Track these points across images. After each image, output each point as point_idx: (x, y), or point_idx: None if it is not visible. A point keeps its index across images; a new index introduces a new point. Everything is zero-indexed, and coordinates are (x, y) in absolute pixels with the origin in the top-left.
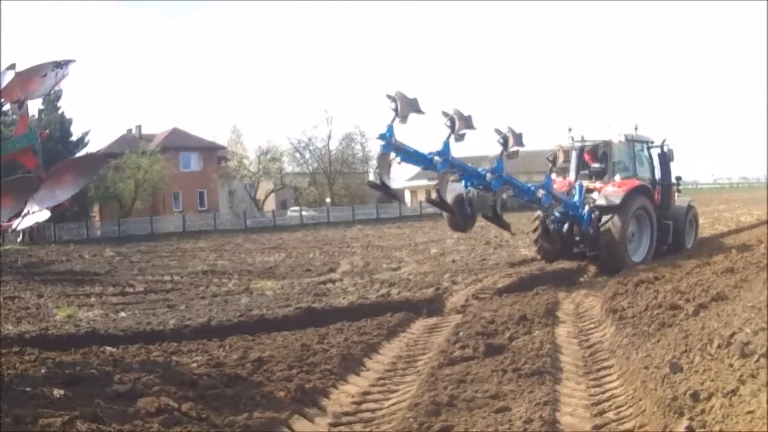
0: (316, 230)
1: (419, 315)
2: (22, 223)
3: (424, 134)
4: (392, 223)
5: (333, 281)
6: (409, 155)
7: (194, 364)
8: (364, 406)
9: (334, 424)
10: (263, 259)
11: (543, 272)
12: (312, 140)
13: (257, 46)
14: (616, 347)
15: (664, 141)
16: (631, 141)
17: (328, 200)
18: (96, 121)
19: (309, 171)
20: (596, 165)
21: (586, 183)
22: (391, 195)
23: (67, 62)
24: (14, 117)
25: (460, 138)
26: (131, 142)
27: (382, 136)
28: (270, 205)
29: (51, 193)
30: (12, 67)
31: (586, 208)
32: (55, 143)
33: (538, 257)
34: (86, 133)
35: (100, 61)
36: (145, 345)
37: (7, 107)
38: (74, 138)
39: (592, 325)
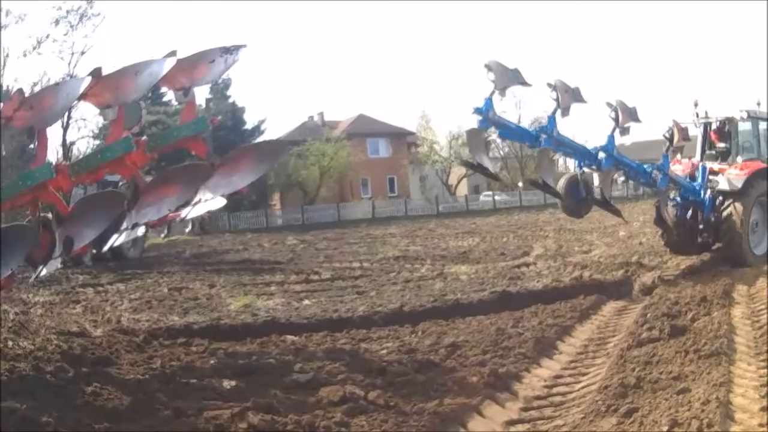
0: (509, 214)
1: (610, 297)
2: (193, 212)
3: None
4: None
5: (527, 265)
6: (511, 131)
7: (384, 351)
8: (555, 390)
9: (524, 409)
10: (457, 244)
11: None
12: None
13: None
14: None
15: None
16: (755, 118)
17: (520, 184)
18: (272, 109)
19: (500, 155)
20: (722, 145)
21: (710, 164)
22: (491, 176)
23: (237, 48)
24: (179, 106)
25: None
26: (313, 130)
27: (478, 110)
28: (462, 190)
29: (227, 179)
30: (173, 54)
31: (708, 192)
32: (228, 132)
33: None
34: (262, 121)
35: (274, 47)
36: (331, 333)
37: (168, 97)
38: (248, 126)
39: (762, 306)
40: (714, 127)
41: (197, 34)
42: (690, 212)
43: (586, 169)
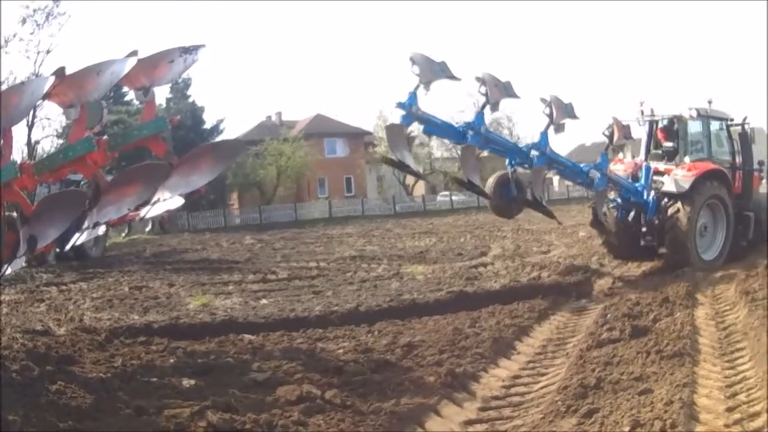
0: (467, 214)
1: (569, 297)
2: (152, 211)
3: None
4: None
5: (484, 265)
6: (436, 126)
7: (340, 351)
8: (513, 390)
9: (482, 409)
10: (413, 244)
11: None
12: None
13: (398, 29)
14: (748, 329)
15: (745, 119)
16: (705, 117)
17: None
18: (231, 109)
19: (458, 155)
20: (669, 144)
21: (654, 164)
22: (413, 173)
23: (196, 48)
24: (140, 105)
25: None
26: (271, 129)
27: (400, 105)
28: (419, 190)
29: (185, 179)
30: (134, 53)
31: (652, 193)
32: (187, 131)
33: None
34: (221, 121)
35: (233, 48)
36: (288, 332)
37: (130, 96)
38: (208, 126)
39: (727, 307)
40: (661, 125)
41: (157, 34)
42: (632, 214)
43: (519, 169)
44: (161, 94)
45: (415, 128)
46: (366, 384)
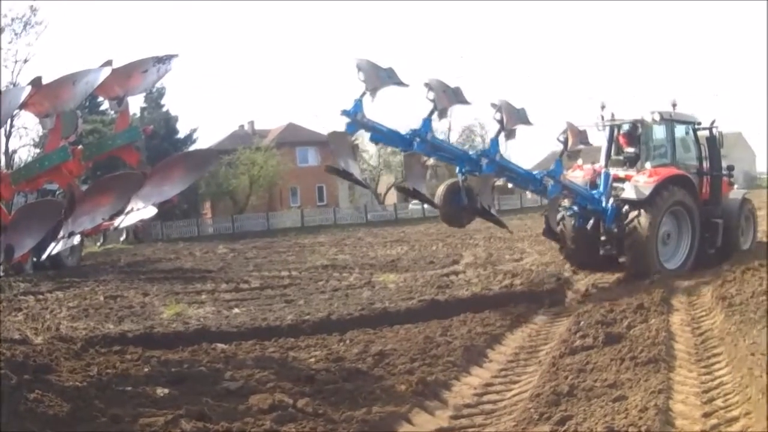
0: (439, 223)
1: (542, 305)
2: (126, 221)
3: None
4: (513, 215)
5: (456, 273)
6: (382, 134)
7: (312, 360)
8: (485, 398)
9: (454, 417)
10: (385, 253)
11: None
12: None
13: (364, 36)
14: (725, 334)
15: (713, 122)
16: (669, 121)
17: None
18: (204, 118)
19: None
20: (631, 150)
21: (614, 171)
22: (357, 182)
23: (169, 57)
24: (114, 115)
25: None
26: (244, 138)
27: (345, 113)
28: (391, 198)
29: (158, 189)
30: (108, 63)
31: (611, 201)
32: (161, 141)
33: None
34: (194, 130)
35: (206, 57)
36: (260, 341)
37: (105, 105)
38: (181, 135)
39: (703, 313)
40: (624, 130)
41: (131, 43)
42: (591, 222)
43: (471, 176)
44: (135, 104)
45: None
46: (338, 392)
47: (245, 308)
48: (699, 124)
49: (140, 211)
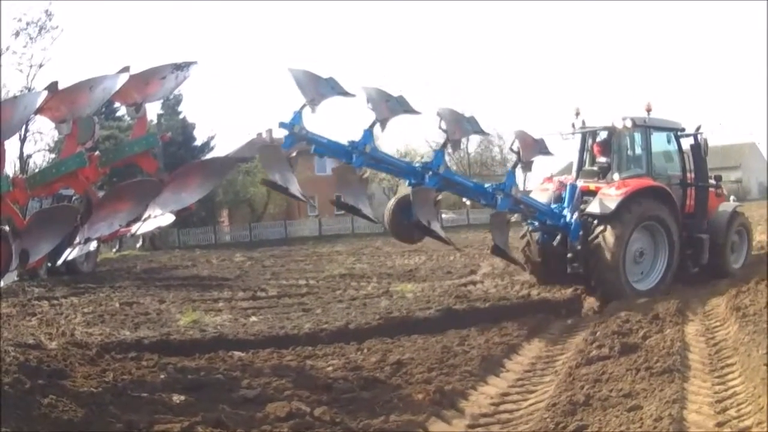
0: (456, 233)
1: (559, 315)
2: (143, 227)
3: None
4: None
5: (474, 283)
6: (323, 146)
7: (330, 368)
8: (502, 407)
9: (471, 426)
10: (403, 262)
11: None
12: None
13: (389, 44)
14: (738, 344)
15: (698, 128)
16: (644, 127)
17: (468, 202)
18: (222, 125)
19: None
20: (603, 160)
21: (586, 183)
22: (295, 197)
23: (188, 64)
24: (131, 121)
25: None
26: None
27: (283, 125)
28: None
29: (175, 196)
30: (126, 69)
31: (575, 216)
32: (178, 148)
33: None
34: (211, 138)
35: (224, 64)
36: (277, 349)
37: (121, 112)
38: (198, 143)
39: (717, 323)
40: (599, 138)
41: (149, 49)
42: (558, 238)
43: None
44: (153, 110)
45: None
46: (355, 401)
47: (262, 316)
48: (682, 130)
49: (157, 218)
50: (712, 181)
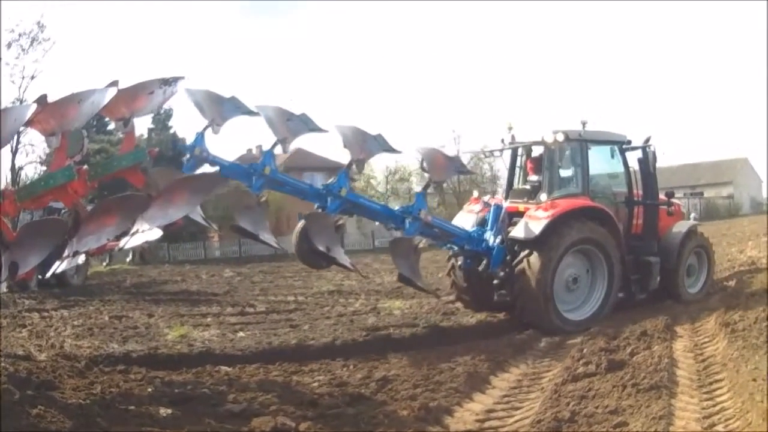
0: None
1: (546, 332)
2: (131, 242)
3: None
4: None
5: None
6: (224, 168)
7: (315, 384)
8: (487, 424)
9: None
10: (391, 279)
11: None
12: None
13: (376, 59)
14: (727, 360)
15: (647, 140)
16: (579, 141)
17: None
18: (212, 140)
19: (438, 191)
20: (534, 178)
21: (514, 204)
22: (266, 244)
23: (175, 79)
24: (121, 135)
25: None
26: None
27: (183, 148)
28: None
29: (163, 211)
30: (114, 83)
31: (498, 240)
32: (168, 163)
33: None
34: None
35: (215, 79)
36: (264, 365)
37: (112, 125)
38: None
39: (706, 339)
40: (534, 154)
41: (139, 61)
42: (484, 263)
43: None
44: (143, 125)
45: None
46: (340, 417)
47: (250, 332)
48: (628, 143)
49: (145, 232)
50: (663, 198)
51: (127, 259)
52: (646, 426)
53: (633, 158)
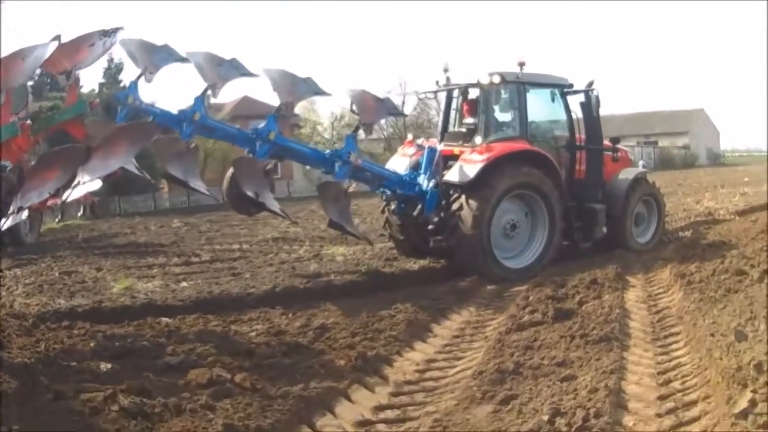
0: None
1: (492, 279)
2: (72, 194)
3: None
4: None
5: None
6: (156, 116)
7: (253, 333)
8: (427, 374)
9: (394, 394)
10: None
11: None
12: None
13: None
14: (683, 313)
15: (590, 84)
16: (516, 83)
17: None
18: (161, 91)
19: (384, 137)
20: (471, 121)
21: (443, 146)
22: (197, 191)
23: (115, 30)
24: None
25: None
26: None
27: (116, 97)
28: None
29: (103, 162)
30: (57, 38)
31: (432, 184)
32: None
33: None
34: (151, 104)
35: (163, 30)
36: (203, 315)
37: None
38: None
39: (660, 290)
40: (470, 96)
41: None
42: (419, 208)
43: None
44: (94, 79)
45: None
46: (276, 367)
47: (193, 282)
48: (569, 86)
49: (86, 184)
50: (608, 144)
51: (79, 214)
52: (596, 380)
53: (576, 103)
